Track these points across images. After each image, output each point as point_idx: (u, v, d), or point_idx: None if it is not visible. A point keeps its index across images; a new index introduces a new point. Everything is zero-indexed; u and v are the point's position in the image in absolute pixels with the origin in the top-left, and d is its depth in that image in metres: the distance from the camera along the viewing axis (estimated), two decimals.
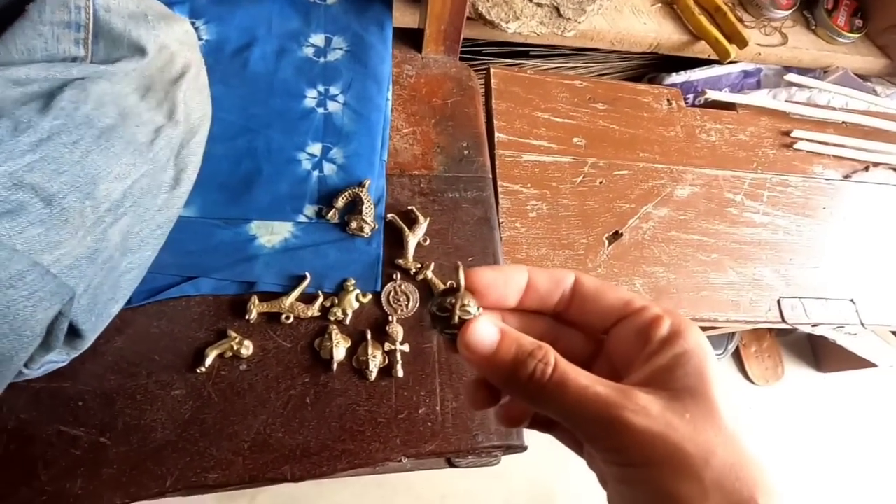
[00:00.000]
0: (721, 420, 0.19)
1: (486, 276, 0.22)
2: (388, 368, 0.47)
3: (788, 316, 0.61)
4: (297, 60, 0.58)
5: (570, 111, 0.67)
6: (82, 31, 0.41)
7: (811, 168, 0.72)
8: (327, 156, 0.54)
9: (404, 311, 0.50)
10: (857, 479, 1.34)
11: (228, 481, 0.42)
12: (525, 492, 1.13)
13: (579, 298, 0.23)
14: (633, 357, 0.21)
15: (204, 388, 0.45)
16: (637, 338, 0.21)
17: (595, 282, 0.23)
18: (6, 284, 0.26)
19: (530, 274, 0.23)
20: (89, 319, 0.39)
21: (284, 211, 0.51)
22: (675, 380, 0.19)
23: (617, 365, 0.22)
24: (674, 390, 0.19)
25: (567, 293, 0.23)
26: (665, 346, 0.20)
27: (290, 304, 0.48)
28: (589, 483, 0.24)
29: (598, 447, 0.19)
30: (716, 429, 0.18)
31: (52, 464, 0.40)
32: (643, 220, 0.62)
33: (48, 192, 0.33)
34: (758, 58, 0.88)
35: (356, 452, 0.45)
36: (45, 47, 0.40)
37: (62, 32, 0.41)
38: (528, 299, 0.23)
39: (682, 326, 0.21)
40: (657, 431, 0.18)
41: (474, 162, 0.59)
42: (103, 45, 0.42)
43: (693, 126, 0.71)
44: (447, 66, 0.65)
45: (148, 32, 0.43)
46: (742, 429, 0.19)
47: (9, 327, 0.26)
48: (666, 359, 0.20)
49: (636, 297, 0.22)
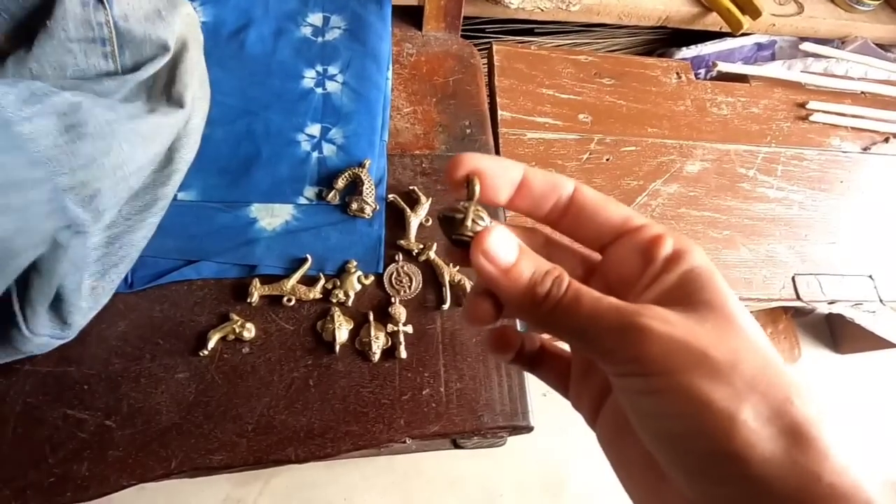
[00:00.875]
0: (743, 329, 0.17)
1: (482, 161, 0.20)
2: (392, 350, 0.47)
3: (804, 293, 0.59)
4: (295, 40, 0.57)
5: (576, 87, 0.65)
6: (107, 44, 0.43)
7: (828, 141, 0.69)
8: (326, 136, 0.53)
9: (407, 293, 0.50)
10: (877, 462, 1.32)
11: (233, 463, 0.43)
12: (536, 475, 1.13)
13: (576, 208, 0.21)
14: (634, 278, 0.20)
15: (207, 370, 0.45)
16: (638, 257, 0.20)
17: (596, 194, 0.21)
18: (29, 185, 0.30)
19: (526, 171, 0.21)
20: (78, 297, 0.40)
21: (284, 193, 0.51)
22: (687, 296, 0.18)
23: (614, 286, 0.21)
24: (689, 304, 0.18)
25: (563, 201, 0.21)
26: (671, 265, 0.19)
27: (292, 286, 0.48)
28: (601, 467, 0.23)
29: (615, 360, 0.18)
30: (740, 337, 0.17)
31: (60, 446, 0.41)
32: (652, 198, 0.61)
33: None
34: (772, 29, 0.85)
35: (360, 434, 0.44)
36: (75, 63, 0.42)
37: (89, 48, 0.43)
38: (520, 198, 0.21)
39: (685, 245, 0.19)
40: (679, 337, 0.17)
41: (477, 141, 0.58)
42: (129, 54, 0.44)
43: (703, 100, 0.68)
44: (448, 43, 0.63)
45: (165, 29, 0.45)
46: (764, 339, 0.18)
47: (24, 223, 0.29)
48: (674, 277, 0.19)
49: (635, 213, 0.21)
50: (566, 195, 0.21)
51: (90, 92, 0.42)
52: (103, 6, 0.42)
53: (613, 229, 0.21)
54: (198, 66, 0.49)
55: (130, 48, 0.45)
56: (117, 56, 0.45)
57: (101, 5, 0.42)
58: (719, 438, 0.16)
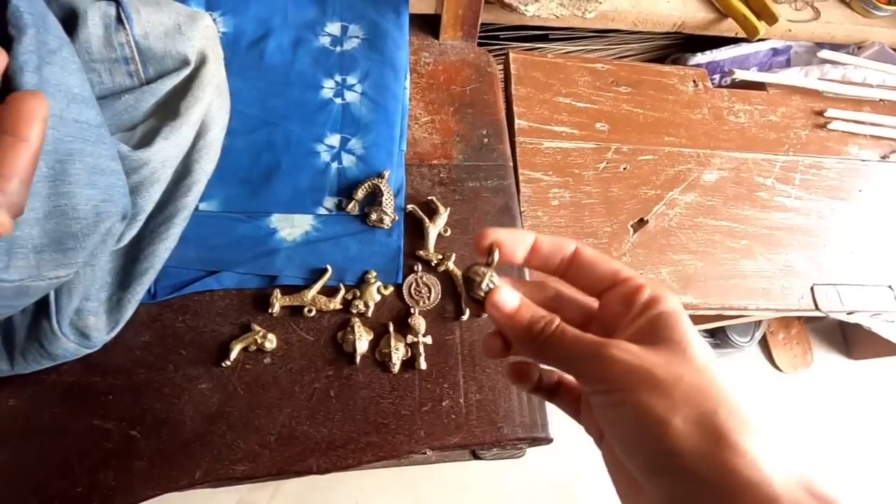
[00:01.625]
0: (692, 357, 0.22)
1: (500, 234, 0.27)
2: (411, 361, 0.47)
3: (822, 304, 0.59)
4: (314, 50, 0.57)
5: (593, 95, 0.65)
6: (131, 63, 0.45)
7: (846, 149, 0.69)
8: (346, 147, 0.54)
9: (426, 303, 0.50)
10: (890, 468, 1.30)
11: (255, 474, 0.43)
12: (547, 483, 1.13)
13: (577, 265, 0.27)
14: (620, 320, 0.25)
15: (230, 381, 0.45)
16: (623, 303, 0.25)
17: (592, 252, 0.27)
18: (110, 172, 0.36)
19: (537, 238, 0.27)
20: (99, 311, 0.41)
21: (304, 204, 0.51)
22: (655, 333, 0.23)
23: (608, 326, 0.26)
24: (654, 340, 0.23)
25: (567, 258, 0.27)
26: (646, 310, 0.24)
27: (313, 297, 0.48)
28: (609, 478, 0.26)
29: (589, 381, 0.23)
30: (687, 363, 0.22)
31: (86, 457, 0.41)
32: (669, 207, 0.61)
33: None
34: (788, 34, 0.85)
35: (381, 445, 0.45)
36: (100, 81, 0.44)
37: (114, 67, 0.44)
38: (532, 258, 0.27)
39: (659, 293, 0.24)
40: (636, 363, 0.22)
41: (494, 150, 0.58)
42: (152, 69, 0.45)
43: (721, 108, 0.68)
44: (465, 51, 0.64)
45: (185, 44, 0.45)
46: (714, 365, 0.23)
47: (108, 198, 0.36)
48: (646, 319, 0.24)
49: (624, 268, 0.26)
50: (569, 253, 0.27)
51: (109, 110, 0.42)
52: (123, 27, 0.42)
53: (606, 281, 0.26)
54: (214, 77, 0.49)
55: (153, 64, 0.46)
56: (141, 73, 0.45)
57: (121, 26, 0.42)
58: (658, 439, 0.21)
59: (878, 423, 1.33)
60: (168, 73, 0.46)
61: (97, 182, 0.35)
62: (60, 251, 0.33)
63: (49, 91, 0.30)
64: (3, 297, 0.31)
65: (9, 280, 0.30)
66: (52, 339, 0.40)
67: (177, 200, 0.46)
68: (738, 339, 1.19)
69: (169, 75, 0.46)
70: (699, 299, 0.57)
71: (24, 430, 0.42)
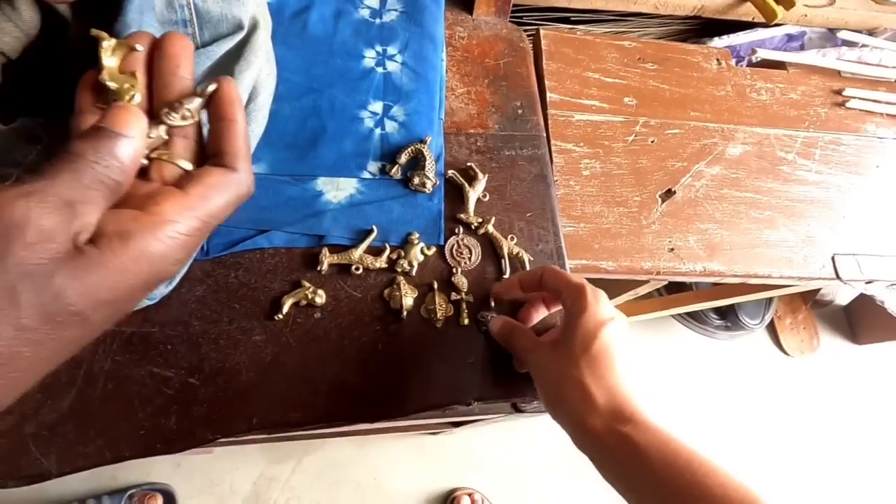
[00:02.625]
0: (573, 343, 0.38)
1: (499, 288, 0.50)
2: (455, 317, 0.49)
3: (843, 272, 0.61)
4: (354, 22, 0.59)
5: (620, 71, 0.67)
6: (189, 25, 0.45)
7: (864, 127, 0.71)
8: (388, 114, 0.55)
9: (468, 264, 0.52)
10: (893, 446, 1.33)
11: (309, 421, 0.45)
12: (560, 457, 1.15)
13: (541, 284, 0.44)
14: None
15: (282, 334, 0.47)
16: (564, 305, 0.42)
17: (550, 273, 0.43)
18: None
19: (518, 277, 0.46)
20: None
21: (349, 168, 0.53)
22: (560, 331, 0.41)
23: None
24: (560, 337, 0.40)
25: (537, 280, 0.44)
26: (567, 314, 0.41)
27: (360, 255, 0.50)
28: None
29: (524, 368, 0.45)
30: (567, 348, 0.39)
31: (148, 402, 0.43)
32: (696, 178, 0.63)
33: None
34: (804, 19, 0.87)
35: (427, 396, 0.46)
36: None
37: (173, 29, 0.44)
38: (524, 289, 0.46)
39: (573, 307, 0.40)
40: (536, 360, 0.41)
41: (528, 121, 0.60)
42: (208, 32, 0.46)
43: (743, 85, 0.70)
44: (498, 27, 0.65)
45: (240, 8, 0.47)
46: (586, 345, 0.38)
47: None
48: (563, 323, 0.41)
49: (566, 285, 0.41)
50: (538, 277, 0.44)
51: None
52: None
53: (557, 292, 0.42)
54: (264, 44, 0.51)
55: (209, 27, 0.47)
56: (198, 36, 0.47)
57: None
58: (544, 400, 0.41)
59: (881, 404, 1.36)
60: (223, 38, 0.47)
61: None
62: None
63: None
64: None
65: None
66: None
67: None
68: (749, 322, 1.22)
69: (224, 39, 0.47)
70: (725, 266, 0.59)
71: (87, 376, 0.43)
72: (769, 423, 1.32)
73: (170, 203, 0.24)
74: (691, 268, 0.58)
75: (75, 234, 0.21)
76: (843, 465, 1.30)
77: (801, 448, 1.31)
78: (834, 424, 1.34)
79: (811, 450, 1.31)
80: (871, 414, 1.35)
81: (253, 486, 1.09)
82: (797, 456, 1.30)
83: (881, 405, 1.37)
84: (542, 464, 1.12)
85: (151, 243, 0.23)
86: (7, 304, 0.19)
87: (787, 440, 1.31)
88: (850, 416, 1.35)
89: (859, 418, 1.35)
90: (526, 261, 0.52)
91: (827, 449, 1.31)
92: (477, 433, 1.13)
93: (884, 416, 1.36)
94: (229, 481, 1.08)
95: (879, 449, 1.33)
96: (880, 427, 1.35)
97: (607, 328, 0.38)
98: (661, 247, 0.59)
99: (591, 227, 0.59)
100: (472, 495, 1.12)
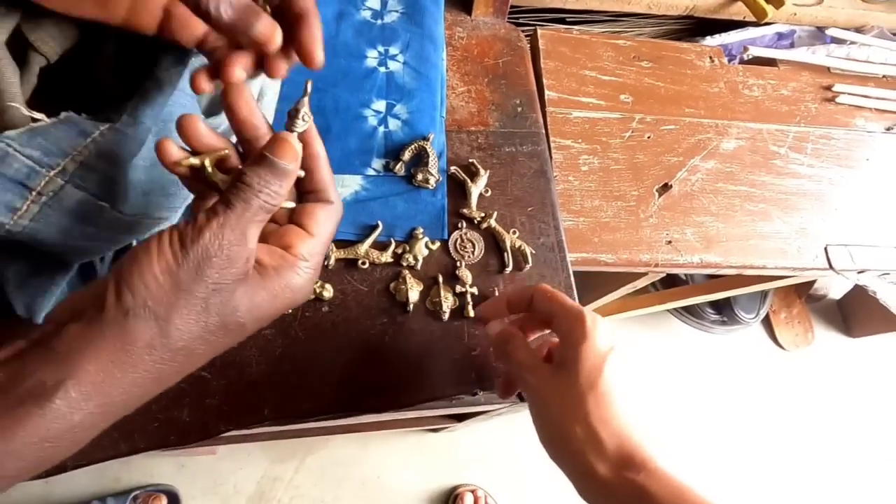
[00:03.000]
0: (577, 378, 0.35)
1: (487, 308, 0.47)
2: (460, 309, 0.50)
3: (836, 262, 0.63)
4: (356, 23, 0.60)
5: (616, 69, 0.69)
6: None
7: (853, 121, 0.73)
8: (391, 112, 0.56)
9: (471, 257, 0.53)
10: (889, 442, 1.35)
11: (320, 411, 0.45)
12: None
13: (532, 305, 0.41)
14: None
15: (291, 327, 0.48)
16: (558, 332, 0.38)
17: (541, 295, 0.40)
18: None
19: (508, 297, 0.43)
20: None
21: (354, 165, 0.54)
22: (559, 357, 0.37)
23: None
24: (559, 363, 0.37)
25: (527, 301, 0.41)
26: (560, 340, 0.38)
27: (366, 250, 0.51)
28: None
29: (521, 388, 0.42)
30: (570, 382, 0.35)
31: (161, 394, 0.43)
32: (691, 173, 0.64)
33: None
34: (793, 18, 0.89)
35: (434, 386, 0.47)
36: None
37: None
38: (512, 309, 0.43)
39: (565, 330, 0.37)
40: (532, 384, 0.37)
41: (528, 118, 0.61)
42: None
43: (736, 82, 0.72)
44: (496, 27, 0.67)
45: None
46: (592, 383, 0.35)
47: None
48: (559, 348, 0.38)
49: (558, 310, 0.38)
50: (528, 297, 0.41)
51: None
52: None
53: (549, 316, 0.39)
54: None
55: None
56: None
57: None
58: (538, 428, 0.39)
59: (875, 396, 1.38)
60: None
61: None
62: (164, 195, 0.36)
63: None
64: (117, 230, 0.34)
65: (127, 214, 0.33)
66: None
67: None
68: (744, 316, 1.23)
69: None
70: (721, 258, 0.61)
71: None
72: (765, 417, 1.34)
73: (301, 244, 0.29)
74: (688, 259, 0.60)
75: (246, 259, 0.26)
76: (839, 458, 1.32)
77: (796, 441, 1.33)
78: (829, 417, 1.36)
79: (806, 442, 1.33)
80: (866, 406, 1.37)
81: (257, 485, 1.09)
82: (793, 449, 1.32)
83: (875, 397, 1.39)
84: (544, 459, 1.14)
85: (293, 277, 0.28)
86: (202, 310, 0.25)
87: (783, 433, 1.33)
88: (844, 408, 1.37)
89: (854, 411, 1.37)
90: (528, 254, 0.53)
91: (822, 441, 1.33)
92: (479, 430, 1.15)
93: (878, 408, 1.38)
94: (233, 481, 1.09)
95: (874, 441, 1.35)
96: (875, 419, 1.37)
97: (610, 362, 0.35)
98: (659, 239, 0.60)
99: (591, 220, 0.60)
100: (475, 492, 1.13)
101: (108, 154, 0.31)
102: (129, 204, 0.34)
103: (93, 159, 0.31)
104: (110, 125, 0.31)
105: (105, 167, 0.31)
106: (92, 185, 0.31)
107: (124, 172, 0.33)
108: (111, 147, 0.31)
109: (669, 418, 1.30)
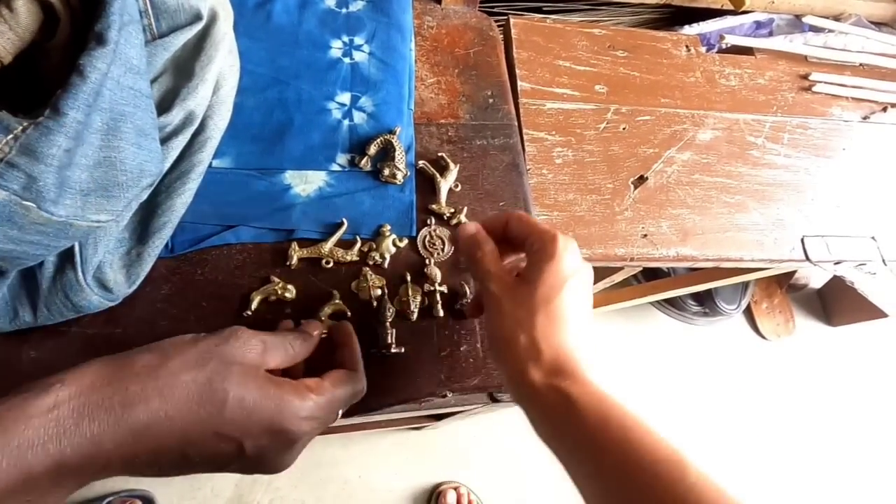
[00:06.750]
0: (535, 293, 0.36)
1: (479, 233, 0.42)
2: (429, 309, 0.48)
3: (812, 253, 0.62)
4: (320, 12, 0.58)
5: (591, 59, 0.67)
6: (144, 17, 0.43)
7: (830, 110, 0.72)
8: (356, 105, 0.54)
9: (440, 255, 0.51)
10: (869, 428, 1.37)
11: None
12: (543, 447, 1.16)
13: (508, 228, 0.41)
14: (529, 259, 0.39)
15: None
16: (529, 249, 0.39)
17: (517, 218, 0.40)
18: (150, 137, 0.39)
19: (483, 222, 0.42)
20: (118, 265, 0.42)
21: (317, 160, 0.52)
22: (524, 273, 0.38)
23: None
24: (522, 277, 0.38)
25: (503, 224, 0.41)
26: (530, 255, 0.38)
27: (329, 249, 0.49)
28: None
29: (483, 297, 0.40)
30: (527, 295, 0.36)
31: None
32: (667, 164, 0.63)
33: None
34: (771, 6, 0.88)
35: (403, 388, 0.46)
36: None
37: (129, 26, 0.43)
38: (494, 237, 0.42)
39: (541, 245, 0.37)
40: (496, 292, 0.38)
41: (499, 110, 0.59)
42: (164, 23, 0.45)
43: (712, 72, 0.71)
44: (467, 16, 0.65)
45: None
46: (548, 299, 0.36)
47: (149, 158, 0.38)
48: (529, 262, 0.38)
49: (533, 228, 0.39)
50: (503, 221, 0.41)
51: None
52: None
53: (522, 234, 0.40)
54: (226, 36, 0.49)
55: (165, 18, 0.46)
56: (154, 27, 0.45)
57: None
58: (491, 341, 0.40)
59: (855, 383, 1.40)
60: (180, 28, 0.46)
61: (142, 144, 0.37)
62: (105, 197, 0.34)
63: (115, 57, 0.34)
64: (46, 233, 0.31)
65: (56, 214, 0.31)
66: (78, 290, 0.40)
67: (191, 156, 0.47)
68: (726, 307, 1.23)
69: (181, 30, 0.46)
70: (697, 251, 0.60)
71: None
72: (748, 407, 1.34)
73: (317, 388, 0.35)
74: (665, 253, 0.59)
75: (259, 365, 0.33)
76: (822, 446, 1.33)
77: (779, 429, 1.34)
78: (811, 405, 1.37)
79: (790, 431, 1.34)
80: (846, 393, 1.39)
81: (235, 488, 1.07)
82: (776, 438, 1.33)
83: (856, 384, 1.40)
84: (526, 455, 1.13)
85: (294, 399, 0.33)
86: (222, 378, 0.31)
87: (766, 422, 1.34)
88: (826, 396, 1.39)
89: (835, 398, 1.38)
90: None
91: (805, 430, 1.34)
92: (460, 427, 1.13)
93: (859, 395, 1.39)
94: (210, 485, 1.06)
95: (856, 428, 1.36)
96: (855, 406, 1.38)
97: (571, 284, 0.36)
98: (635, 233, 0.59)
99: (565, 214, 0.59)
100: (458, 489, 1.12)
101: (32, 151, 0.29)
102: (62, 204, 0.31)
103: (15, 157, 0.29)
104: (32, 121, 0.29)
105: (29, 165, 0.29)
106: (15, 183, 0.29)
107: (54, 171, 0.31)
108: (34, 143, 0.29)
109: (654, 410, 1.30)
